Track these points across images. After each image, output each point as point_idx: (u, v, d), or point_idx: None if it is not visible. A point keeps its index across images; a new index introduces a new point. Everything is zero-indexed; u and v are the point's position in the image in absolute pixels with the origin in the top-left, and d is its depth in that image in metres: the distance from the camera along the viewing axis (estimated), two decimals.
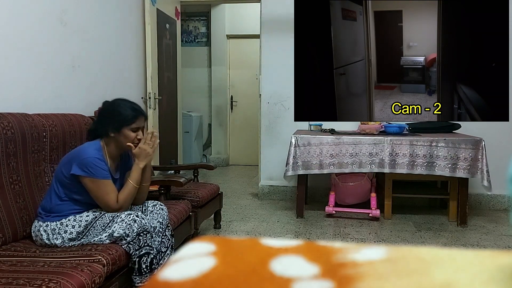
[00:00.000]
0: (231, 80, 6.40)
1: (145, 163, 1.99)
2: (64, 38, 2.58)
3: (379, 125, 3.60)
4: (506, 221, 3.45)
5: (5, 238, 1.77)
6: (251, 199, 4.22)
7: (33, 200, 1.94)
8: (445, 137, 3.26)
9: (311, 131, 3.80)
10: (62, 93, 2.57)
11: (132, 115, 1.96)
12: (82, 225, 1.83)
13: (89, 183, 1.85)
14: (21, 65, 2.24)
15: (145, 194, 2.12)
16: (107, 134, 1.95)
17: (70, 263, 1.55)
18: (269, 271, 0.37)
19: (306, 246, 0.42)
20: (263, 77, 4.15)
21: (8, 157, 1.82)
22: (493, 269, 0.37)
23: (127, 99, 2.06)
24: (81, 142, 2.31)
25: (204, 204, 2.83)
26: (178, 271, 0.37)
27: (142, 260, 1.81)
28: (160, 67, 3.89)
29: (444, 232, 3.20)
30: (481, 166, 3.16)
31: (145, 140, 1.97)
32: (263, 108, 4.17)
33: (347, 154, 3.32)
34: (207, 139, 6.47)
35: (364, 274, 0.36)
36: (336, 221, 3.46)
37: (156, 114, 3.74)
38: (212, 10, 6.26)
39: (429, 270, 0.37)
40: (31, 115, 2.03)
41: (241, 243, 0.44)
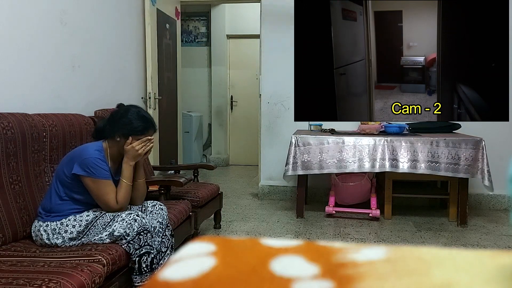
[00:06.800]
0: (231, 80, 6.40)
1: (133, 162, 1.97)
2: (64, 38, 2.58)
3: (379, 125, 3.60)
4: (506, 221, 3.45)
5: (5, 238, 1.77)
6: (251, 199, 4.22)
7: (33, 200, 1.94)
8: (445, 137, 3.26)
9: (311, 131, 3.80)
10: (62, 93, 2.57)
11: (143, 127, 1.97)
12: (82, 225, 1.83)
13: (90, 183, 1.85)
14: (21, 65, 2.24)
15: (143, 192, 2.10)
16: (113, 137, 1.96)
17: (70, 263, 1.55)
18: (269, 271, 0.37)
19: (306, 246, 0.42)
20: (263, 77, 4.15)
21: (8, 157, 1.82)
22: (493, 269, 0.37)
23: (141, 108, 2.07)
24: (81, 142, 2.31)
25: (204, 204, 2.83)
26: (178, 271, 0.37)
27: (142, 260, 1.81)
28: (160, 67, 3.89)
29: (444, 232, 3.20)
30: (482, 166, 3.15)
31: (141, 141, 1.97)
32: (263, 108, 4.17)
33: (347, 154, 3.32)
34: (207, 139, 6.47)
35: (364, 274, 0.36)
36: (336, 221, 3.46)
37: (156, 114, 3.73)
38: (212, 10, 6.26)
39: (429, 270, 0.37)
40: (31, 115, 2.03)
41: (241, 243, 0.44)
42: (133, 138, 1.94)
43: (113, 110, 2.07)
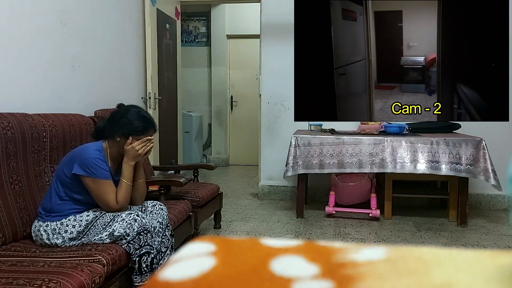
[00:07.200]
0: (231, 80, 6.40)
1: (133, 162, 1.97)
2: (64, 38, 2.58)
3: (379, 125, 3.60)
4: (506, 221, 3.45)
5: (5, 238, 1.77)
6: (251, 199, 4.22)
7: (33, 200, 1.94)
8: (445, 137, 3.26)
9: (311, 131, 3.80)
10: (62, 93, 2.57)
11: (143, 127, 1.97)
12: (82, 225, 1.83)
13: (90, 183, 1.85)
14: (21, 65, 2.24)
15: (143, 192, 2.11)
16: (113, 137, 1.96)
17: (70, 263, 1.55)
18: (269, 271, 0.37)
19: (306, 246, 0.42)
20: (263, 77, 4.15)
21: (8, 157, 1.82)
22: (493, 269, 0.37)
23: (141, 108, 2.07)
24: (81, 142, 2.31)
25: (204, 204, 2.83)
26: (178, 271, 0.37)
27: (142, 260, 1.81)
28: (160, 67, 3.89)
29: (444, 232, 3.20)
30: (485, 166, 3.11)
31: (141, 141, 1.97)
32: (263, 108, 4.17)
33: (347, 154, 3.32)
34: (207, 139, 6.47)
35: (364, 274, 0.36)
36: (336, 221, 3.46)
37: (156, 114, 3.73)
38: (212, 10, 6.26)
39: (429, 270, 0.37)
40: (31, 115, 2.03)
41: (241, 243, 0.44)
42: (133, 138, 1.95)
43: (113, 110, 2.07)
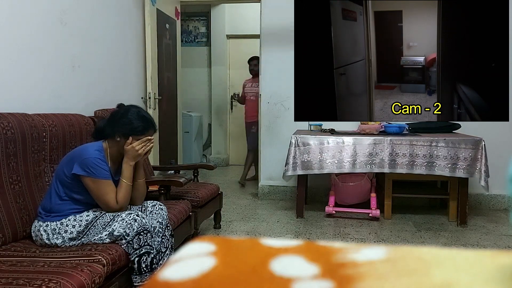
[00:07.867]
0: (231, 80, 6.40)
1: (133, 162, 1.97)
2: (64, 38, 2.58)
3: (379, 125, 3.60)
4: (506, 221, 3.45)
5: (5, 238, 1.77)
6: (251, 199, 4.22)
7: (33, 200, 1.94)
8: (445, 137, 3.26)
9: (311, 131, 3.80)
10: (62, 93, 2.57)
11: (143, 127, 1.97)
12: (82, 225, 1.83)
13: (90, 183, 1.85)
14: (21, 65, 2.24)
15: (143, 192, 2.11)
16: (113, 137, 1.96)
17: (70, 263, 1.55)
18: (269, 271, 0.37)
19: (306, 246, 0.42)
20: (263, 77, 4.15)
21: (8, 157, 1.82)
22: (493, 269, 0.37)
23: (141, 108, 2.07)
24: (81, 142, 2.31)
25: (204, 204, 2.83)
26: (178, 271, 0.37)
27: (142, 260, 1.81)
28: (160, 67, 3.89)
29: (444, 232, 3.20)
30: (480, 166, 3.17)
31: (141, 141, 1.97)
32: (263, 108, 4.17)
33: (347, 154, 3.32)
34: (207, 139, 6.47)
35: (364, 274, 0.36)
36: (336, 221, 3.46)
37: (156, 114, 3.73)
38: (212, 10, 6.26)
39: (429, 270, 0.37)
40: (31, 115, 2.03)
41: (241, 243, 0.44)
42: (133, 138, 1.95)
43: (113, 110, 2.07)
